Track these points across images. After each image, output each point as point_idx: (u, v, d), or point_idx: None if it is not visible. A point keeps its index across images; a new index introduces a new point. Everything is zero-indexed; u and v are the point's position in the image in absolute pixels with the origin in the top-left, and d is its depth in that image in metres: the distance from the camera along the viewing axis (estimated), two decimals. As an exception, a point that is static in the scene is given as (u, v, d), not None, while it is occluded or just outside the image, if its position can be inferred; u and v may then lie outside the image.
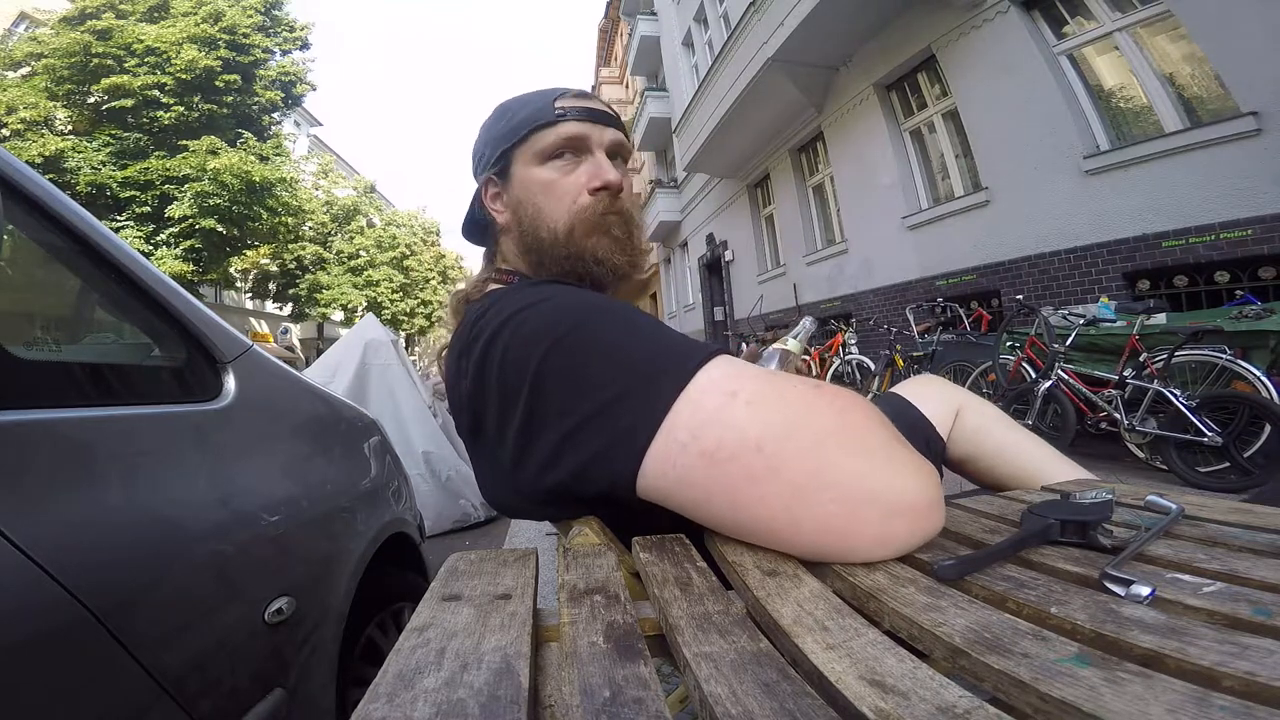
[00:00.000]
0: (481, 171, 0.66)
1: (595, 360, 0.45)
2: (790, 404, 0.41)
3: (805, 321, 0.82)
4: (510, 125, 0.63)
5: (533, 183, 0.62)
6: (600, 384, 0.44)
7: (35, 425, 0.61)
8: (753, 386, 0.41)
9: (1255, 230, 3.29)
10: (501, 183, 0.65)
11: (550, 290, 0.53)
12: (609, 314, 0.48)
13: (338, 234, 19.70)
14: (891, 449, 0.41)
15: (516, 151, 0.63)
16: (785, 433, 0.39)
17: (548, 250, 0.61)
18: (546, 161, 0.61)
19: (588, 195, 0.61)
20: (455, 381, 0.58)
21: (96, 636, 0.55)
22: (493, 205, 0.66)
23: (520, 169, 0.63)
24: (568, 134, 0.61)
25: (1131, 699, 0.21)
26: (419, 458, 3.08)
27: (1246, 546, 0.38)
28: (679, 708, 0.63)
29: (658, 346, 0.45)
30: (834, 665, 0.25)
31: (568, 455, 0.45)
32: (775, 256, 8.93)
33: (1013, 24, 4.53)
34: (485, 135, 0.66)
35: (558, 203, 0.61)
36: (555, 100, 0.62)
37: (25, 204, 0.70)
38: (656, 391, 0.42)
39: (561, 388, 0.45)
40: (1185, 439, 2.62)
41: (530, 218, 0.62)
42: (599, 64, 20.50)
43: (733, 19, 7.27)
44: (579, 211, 0.61)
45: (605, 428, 0.43)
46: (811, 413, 0.40)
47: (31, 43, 11.25)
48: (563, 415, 0.45)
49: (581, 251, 0.60)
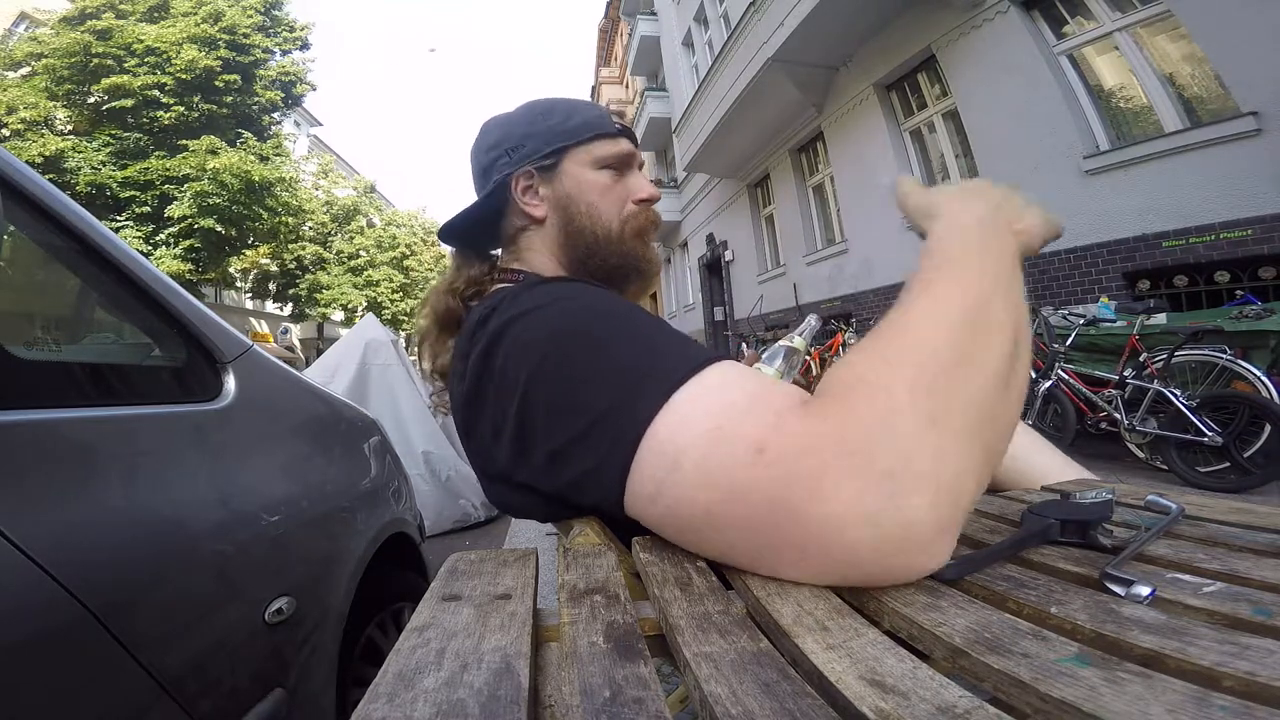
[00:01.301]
0: (515, 164, 0.65)
1: (582, 377, 0.44)
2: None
3: (811, 319, 0.82)
4: (569, 125, 0.65)
5: (589, 183, 0.65)
6: (586, 402, 0.42)
7: (35, 425, 0.61)
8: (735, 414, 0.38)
9: (1255, 230, 3.29)
10: (541, 177, 0.65)
11: (553, 292, 0.52)
12: (606, 320, 0.47)
13: (338, 234, 19.71)
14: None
15: (574, 151, 0.65)
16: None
17: (601, 247, 0.65)
18: (601, 168, 0.66)
19: (633, 205, 0.67)
20: (454, 383, 0.58)
21: (96, 636, 0.55)
22: (526, 198, 0.65)
23: (575, 168, 0.65)
24: (626, 150, 0.67)
25: (1131, 699, 0.21)
26: (419, 458, 3.08)
27: (1247, 546, 0.38)
28: (679, 708, 0.63)
29: (645, 358, 0.43)
30: (834, 665, 0.25)
31: (558, 471, 0.45)
32: (775, 256, 8.93)
33: (1013, 24, 4.53)
34: (522, 128, 0.65)
35: (611, 206, 0.65)
36: (610, 116, 0.68)
37: (25, 204, 0.70)
38: (634, 412, 0.40)
39: (549, 405, 0.45)
40: (1185, 439, 2.62)
41: (584, 215, 0.65)
42: (599, 64, 20.51)
43: (733, 19, 7.27)
44: (628, 217, 0.66)
45: (591, 448, 0.42)
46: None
47: (31, 43, 11.26)
48: (550, 433, 0.44)
49: (631, 251, 0.66)
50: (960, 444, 0.34)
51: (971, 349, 0.36)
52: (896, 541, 0.32)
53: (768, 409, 0.37)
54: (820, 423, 0.35)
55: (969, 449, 0.34)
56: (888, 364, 0.36)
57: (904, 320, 0.39)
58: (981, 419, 0.35)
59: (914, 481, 0.32)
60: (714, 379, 0.40)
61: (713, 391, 0.40)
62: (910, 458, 0.32)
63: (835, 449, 0.33)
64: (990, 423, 0.36)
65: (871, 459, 0.32)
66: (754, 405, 0.38)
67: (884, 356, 0.37)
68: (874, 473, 0.32)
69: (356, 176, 22.72)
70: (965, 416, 0.34)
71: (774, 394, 0.39)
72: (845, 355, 0.40)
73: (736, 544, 0.36)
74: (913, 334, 0.37)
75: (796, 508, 0.33)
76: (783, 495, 0.34)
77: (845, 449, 0.33)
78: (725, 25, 7.98)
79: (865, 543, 0.32)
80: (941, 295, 0.40)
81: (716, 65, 7.69)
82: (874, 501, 0.32)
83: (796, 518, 0.33)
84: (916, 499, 0.32)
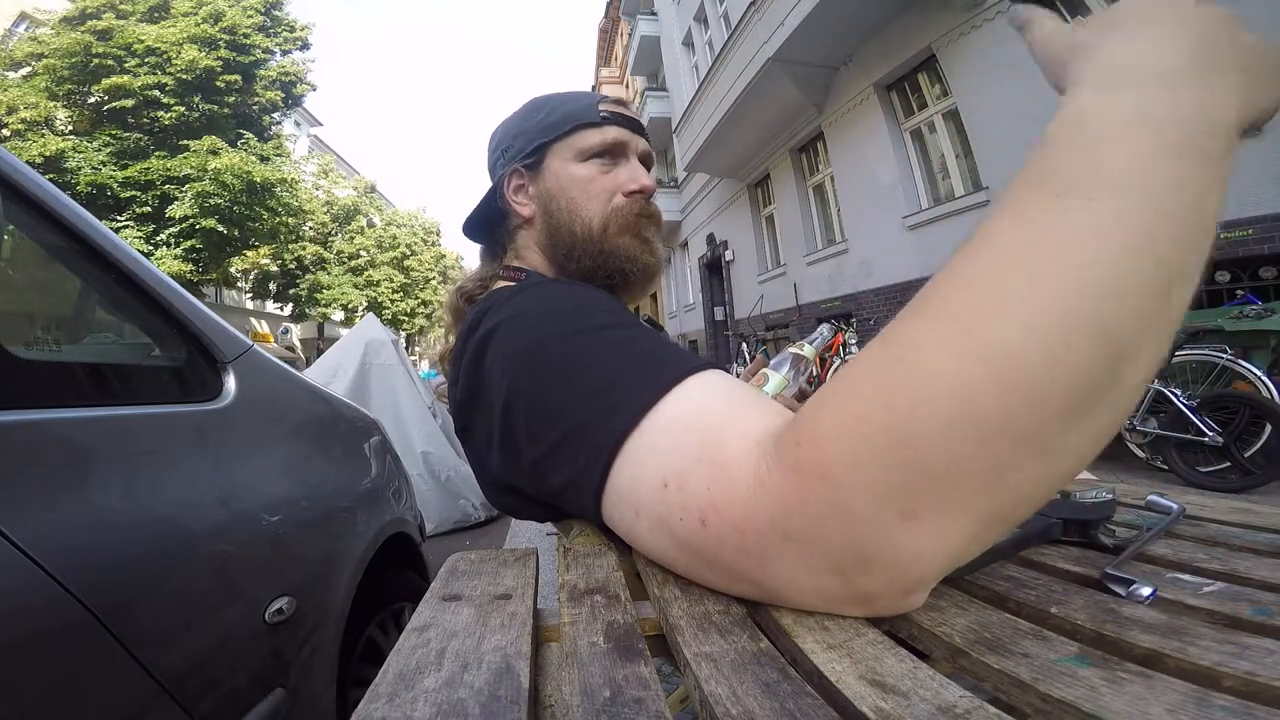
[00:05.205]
0: (507, 163, 0.65)
1: (561, 385, 0.42)
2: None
3: (822, 328, 0.83)
4: (550, 120, 0.63)
5: (570, 178, 0.62)
6: (563, 411, 0.41)
7: (36, 425, 0.61)
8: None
9: (1255, 230, 3.29)
10: (529, 175, 0.64)
11: (538, 296, 0.52)
12: (577, 335, 0.45)
13: (338, 234, 19.71)
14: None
15: (555, 146, 0.63)
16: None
17: (580, 245, 0.62)
18: (586, 160, 0.63)
19: (623, 196, 0.62)
20: (451, 386, 0.58)
21: (96, 636, 0.55)
22: (515, 198, 0.65)
23: (557, 163, 0.63)
24: (612, 138, 0.62)
25: (1132, 699, 0.21)
26: (419, 458, 3.08)
27: (1247, 546, 0.38)
28: (679, 707, 0.63)
29: (630, 364, 0.41)
30: (834, 665, 0.25)
31: (542, 479, 0.44)
32: (775, 256, 8.92)
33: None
34: (515, 128, 0.65)
35: (593, 200, 0.62)
36: (599, 103, 0.63)
37: (25, 204, 0.70)
38: (609, 423, 0.38)
39: (529, 414, 0.44)
40: (1186, 439, 2.62)
41: (564, 211, 0.62)
42: (599, 64, 20.51)
43: (733, 19, 7.27)
44: (614, 211, 0.62)
45: (568, 459, 0.41)
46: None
47: (32, 43, 11.25)
48: (532, 441, 0.44)
49: (615, 249, 0.62)
50: (948, 531, 0.25)
51: (983, 406, 0.22)
52: (860, 609, 0.29)
53: (714, 462, 0.31)
54: (763, 497, 0.28)
55: (961, 531, 0.25)
56: (846, 436, 0.25)
57: (896, 338, 0.26)
58: (992, 506, 0.24)
59: (869, 569, 0.26)
60: (671, 411, 0.36)
61: (668, 431, 0.35)
62: (865, 551, 0.26)
63: (773, 532, 0.28)
64: (1007, 504, 0.24)
65: (814, 549, 0.27)
66: (703, 455, 0.32)
67: (852, 417, 0.25)
68: (819, 560, 0.27)
69: (357, 176, 22.71)
70: (959, 506, 0.24)
71: (728, 439, 0.32)
72: (831, 380, 0.31)
73: (712, 583, 0.35)
74: (919, 366, 0.24)
75: (748, 574, 0.31)
76: (731, 562, 0.31)
77: (783, 532, 0.28)
78: (725, 25, 7.98)
79: (827, 607, 0.30)
80: (969, 279, 0.24)
81: (716, 65, 7.69)
82: (825, 581, 0.28)
83: (751, 580, 0.31)
84: (875, 581, 0.27)
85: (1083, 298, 0.21)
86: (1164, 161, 0.22)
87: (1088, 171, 0.23)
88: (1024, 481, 0.23)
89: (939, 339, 0.24)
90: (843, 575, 0.27)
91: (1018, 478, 0.23)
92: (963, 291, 0.24)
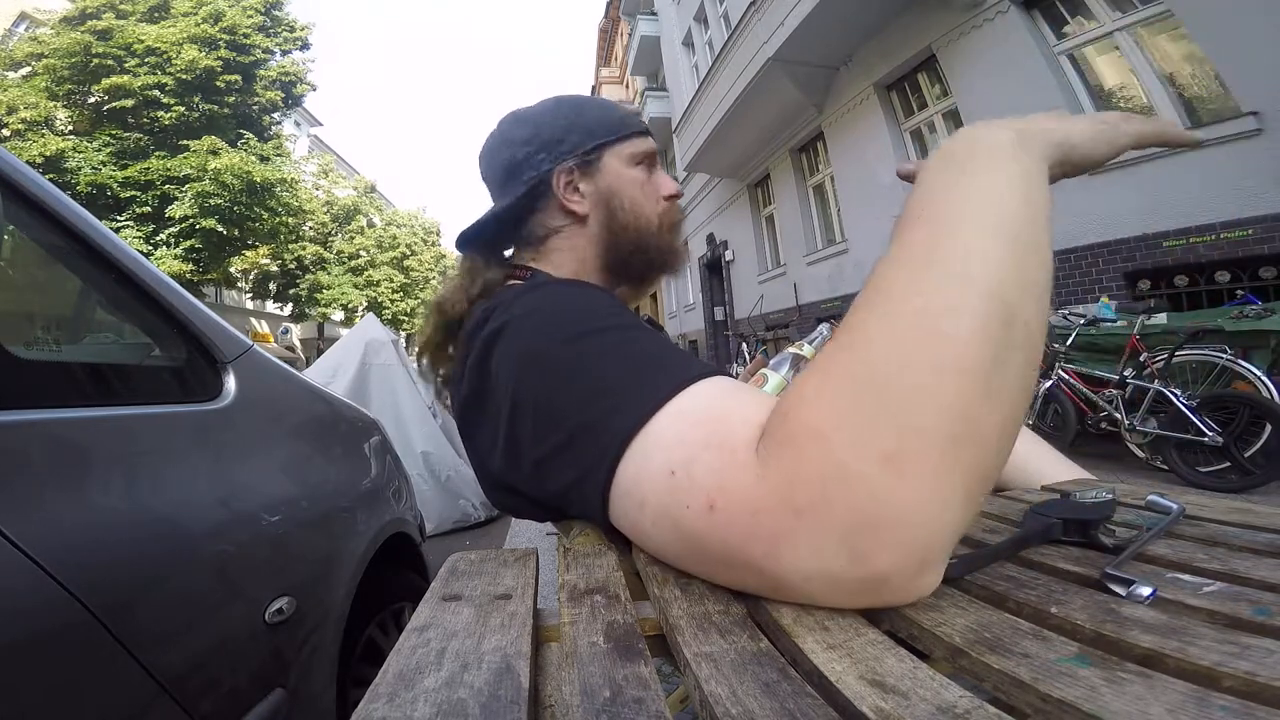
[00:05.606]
0: (555, 159, 0.63)
1: (568, 386, 0.43)
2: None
3: (822, 328, 0.82)
4: (609, 121, 0.65)
5: (629, 179, 0.65)
6: (568, 412, 0.42)
7: (36, 425, 0.61)
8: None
9: (1256, 230, 3.29)
10: (584, 173, 0.64)
11: (545, 297, 0.51)
12: (587, 335, 0.45)
13: (338, 234, 19.72)
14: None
15: (615, 146, 0.65)
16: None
17: (646, 241, 0.65)
18: (636, 165, 0.66)
19: (664, 200, 0.68)
20: (455, 385, 0.58)
21: (96, 636, 0.55)
22: (568, 195, 0.64)
23: (615, 163, 0.65)
24: (653, 148, 0.68)
25: (1132, 699, 0.21)
26: (419, 458, 3.08)
27: (1247, 546, 0.38)
28: (679, 707, 0.63)
29: (637, 367, 0.42)
30: (834, 665, 0.25)
31: (544, 480, 0.45)
32: (776, 256, 8.93)
33: (1013, 24, 4.53)
34: (565, 123, 0.64)
35: (648, 200, 0.66)
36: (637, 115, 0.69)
37: (25, 204, 0.70)
38: (606, 436, 0.39)
39: (535, 414, 0.44)
40: (1186, 439, 2.62)
41: (629, 209, 0.65)
42: (599, 64, 20.51)
43: (733, 19, 7.27)
44: (663, 212, 0.67)
45: (573, 460, 0.41)
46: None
47: (32, 43, 11.26)
48: (536, 442, 0.44)
49: (668, 245, 0.67)
50: (931, 477, 0.28)
51: (919, 347, 0.29)
52: (869, 594, 0.30)
53: (723, 448, 0.33)
54: (768, 474, 0.31)
55: (944, 479, 0.28)
56: (824, 394, 0.30)
57: (849, 323, 0.33)
58: (956, 439, 0.28)
59: (876, 536, 0.28)
60: (677, 408, 0.37)
61: (674, 427, 0.37)
62: (867, 510, 0.28)
63: (783, 508, 0.30)
64: (970, 441, 0.29)
65: (823, 519, 0.29)
66: (710, 442, 0.34)
67: (826, 378, 0.31)
68: (830, 533, 0.29)
69: (357, 176, 22.73)
70: (929, 441, 0.28)
71: (735, 427, 0.34)
72: (802, 373, 0.34)
73: (714, 575, 0.35)
74: (858, 342, 0.31)
75: (754, 563, 0.31)
76: (739, 549, 0.32)
77: (793, 507, 0.29)
78: (725, 25, 7.98)
79: (834, 596, 0.30)
80: (885, 272, 0.33)
81: (717, 65, 7.69)
82: (836, 563, 0.29)
83: (756, 570, 0.31)
84: (884, 554, 0.28)
85: (894, 287, 0.32)
86: (959, 189, 0.35)
87: (906, 218, 0.35)
88: (982, 425, 0.29)
89: (883, 314, 0.32)
90: (851, 549, 0.29)
91: (975, 416, 0.29)
92: (852, 314, 0.33)
